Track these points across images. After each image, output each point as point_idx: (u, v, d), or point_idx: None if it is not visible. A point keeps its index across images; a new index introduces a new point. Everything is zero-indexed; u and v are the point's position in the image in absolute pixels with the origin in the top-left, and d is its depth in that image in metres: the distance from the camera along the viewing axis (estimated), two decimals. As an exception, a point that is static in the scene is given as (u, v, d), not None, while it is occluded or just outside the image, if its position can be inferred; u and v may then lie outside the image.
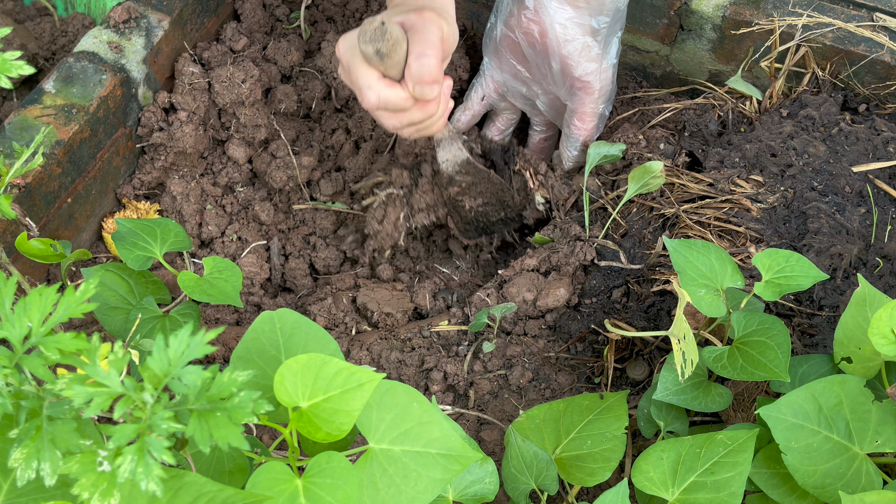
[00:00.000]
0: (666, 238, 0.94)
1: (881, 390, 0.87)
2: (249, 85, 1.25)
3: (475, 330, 1.11)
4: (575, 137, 1.26)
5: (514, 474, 0.90)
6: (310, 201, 1.34)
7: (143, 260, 0.98)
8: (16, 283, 0.62)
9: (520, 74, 1.25)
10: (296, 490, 0.68)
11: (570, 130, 1.25)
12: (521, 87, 1.27)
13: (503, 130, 1.37)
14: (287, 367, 0.70)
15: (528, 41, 1.19)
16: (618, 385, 1.08)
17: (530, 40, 1.18)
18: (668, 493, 0.82)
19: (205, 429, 0.57)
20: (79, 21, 1.43)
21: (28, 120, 1.10)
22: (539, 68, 1.22)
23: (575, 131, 1.25)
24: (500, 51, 1.24)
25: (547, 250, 1.17)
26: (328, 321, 1.18)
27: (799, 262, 0.92)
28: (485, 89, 1.30)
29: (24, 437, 0.58)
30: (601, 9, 1.14)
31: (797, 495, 0.83)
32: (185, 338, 0.58)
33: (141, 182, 1.25)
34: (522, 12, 1.17)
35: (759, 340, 0.89)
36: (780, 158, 1.14)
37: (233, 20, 1.38)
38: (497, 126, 1.36)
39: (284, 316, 0.79)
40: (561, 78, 1.20)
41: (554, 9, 1.14)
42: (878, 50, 1.18)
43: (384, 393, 0.75)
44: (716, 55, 1.28)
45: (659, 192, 1.18)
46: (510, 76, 1.26)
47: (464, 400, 1.10)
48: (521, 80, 1.26)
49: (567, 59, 1.17)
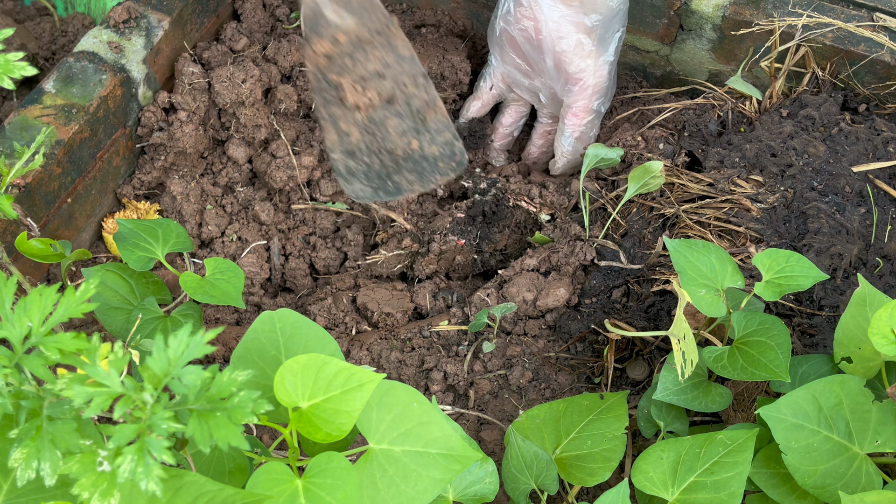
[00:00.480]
0: (666, 238, 0.94)
1: (881, 390, 0.87)
2: (249, 85, 1.25)
3: (475, 330, 1.11)
4: (569, 133, 1.27)
5: (514, 474, 0.90)
6: (310, 201, 1.34)
7: (144, 261, 0.98)
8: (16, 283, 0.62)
9: (521, 67, 1.27)
10: (296, 490, 0.68)
11: (564, 125, 1.27)
12: (525, 79, 1.29)
13: (511, 123, 1.38)
14: (287, 368, 0.70)
15: (524, 37, 1.21)
16: (618, 385, 1.08)
17: (526, 36, 1.20)
18: (668, 492, 0.82)
19: (205, 429, 0.57)
20: (79, 21, 1.43)
21: (28, 120, 1.10)
22: (537, 63, 1.24)
23: (569, 126, 1.26)
24: (502, 45, 1.26)
25: (547, 250, 1.17)
26: (328, 321, 1.18)
27: (799, 262, 0.92)
28: (493, 79, 1.32)
29: (25, 437, 0.58)
30: (594, 7, 1.15)
31: (797, 495, 0.83)
32: (185, 338, 0.58)
33: (141, 182, 1.25)
34: (518, 9, 1.19)
35: (760, 340, 0.89)
36: (780, 158, 1.14)
37: (233, 20, 1.38)
38: (506, 118, 1.38)
39: (285, 316, 0.79)
40: (556, 73, 1.22)
41: (547, 6, 1.16)
42: (878, 50, 1.18)
43: (384, 393, 0.75)
44: (716, 55, 1.28)
45: (659, 192, 1.18)
46: (513, 69, 1.28)
47: (464, 400, 1.10)
48: (524, 73, 1.28)
49: (561, 56, 1.19)
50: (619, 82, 1.40)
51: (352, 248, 1.32)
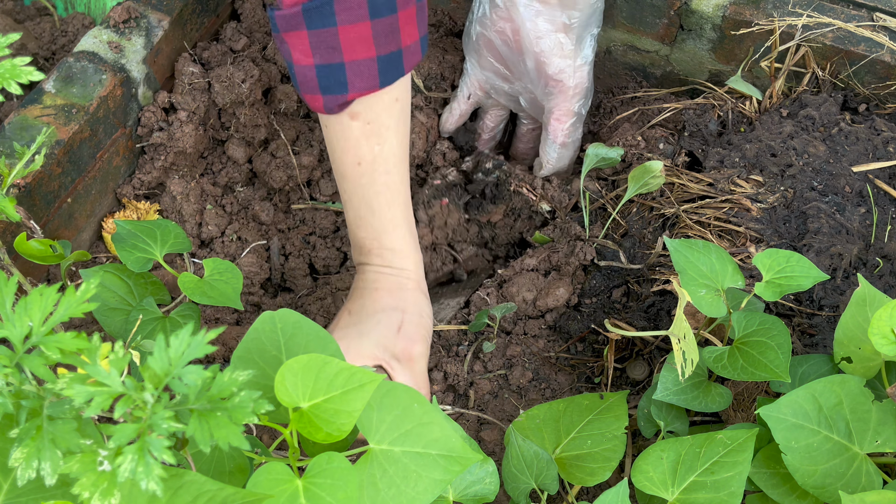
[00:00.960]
0: (666, 238, 0.94)
1: (881, 390, 0.87)
2: (249, 85, 1.25)
3: (475, 330, 1.11)
4: (552, 139, 1.25)
5: (514, 473, 0.90)
6: (309, 201, 1.34)
7: (143, 262, 0.98)
8: (16, 283, 0.62)
9: (500, 72, 1.26)
10: (296, 490, 0.68)
11: (548, 133, 1.26)
12: (504, 84, 1.28)
13: (493, 127, 1.37)
14: (288, 368, 0.70)
15: (501, 39, 1.20)
16: (618, 385, 1.08)
17: (504, 38, 1.19)
18: (667, 492, 0.82)
19: (205, 428, 0.57)
20: (79, 21, 1.43)
21: (28, 120, 1.10)
22: (516, 66, 1.23)
23: (552, 132, 1.25)
24: (479, 50, 1.25)
25: (547, 250, 1.17)
26: (328, 320, 1.18)
27: (799, 262, 0.92)
28: (470, 88, 1.31)
29: (25, 437, 0.58)
30: (573, 5, 1.14)
31: (797, 495, 0.83)
32: (186, 337, 0.58)
33: (141, 182, 1.25)
34: (494, 11, 1.18)
35: (760, 340, 0.89)
36: (780, 158, 1.14)
37: (233, 20, 1.38)
38: (487, 123, 1.37)
39: (285, 316, 0.79)
40: (536, 76, 1.20)
41: (524, 6, 1.15)
42: (878, 50, 1.18)
43: (385, 394, 0.75)
44: (716, 55, 1.28)
45: (659, 192, 1.18)
46: (492, 74, 1.27)
47: (464, 400, 1.10)
48: (503, 78, 1.27)
49: (540, 56, 1.18)
50: (618, 82, 1.40)
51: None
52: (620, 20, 1.30)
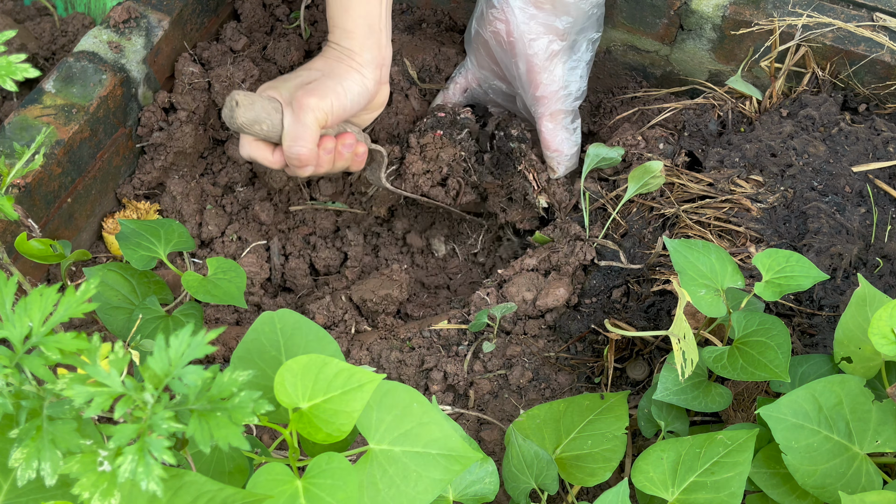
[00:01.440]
0: (666, 238, 0.94)
1: (881, 390, 0.87)
2: (249, 85, 1.25)
3: (475, 330, 1.11)
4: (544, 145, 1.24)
5: (514, 473, 0.90)
6: (310, 201, 1.34)
7: (147, 260, 0.99)
8: (16, 283, 0.62)
9: (496, 72, 1.26)
10: (296, 491, 0.68)
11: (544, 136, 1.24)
12: (502, 84, 1.28)
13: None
14: (287, 368, 0.70)
15: (496, 40, 1.20)
16: (618, 385, 1.08)
17: (498, 39, 1.20)
18: (667, 493, 0.82)
19: (205, 429, 0.57)
20: (79, 21, 1.43)
21: (28, 120, 1.10)
22: (509, 69, 1.23)
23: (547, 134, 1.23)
24: (477, 49, 1.25)
25: (547, 250, 1.17)
26: (327, 320, 1.18)
27: (799, 262, 0.92)
28: (468, 81, 1.31)
29: (25, 437, 0.58)
30: (566, 10, 1.15)
31: (797, 495, 0.83)
32: (186, 338, 0.58)
33: (141, 182, 1.25)
34: (490, 11, 1.18)
35: (759, 340, 0.89)
36: (780, 158, 1.14)
37: (233, 20, 1.38)
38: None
39: (285, 316, 0.79)
40: (527, 79, 1.20)
41: (519, 8, 1.15)
42: (878, 50, 1.18)
43: (384, 393, 0.75)
44: (716, 55, 1.28)
45: (659, 192, 1.18)
46: (489, 73, 1.27)
47: (464, 400, 1.10)
48: (500, 78, 1.27)
49: (532, 59, 1.18)
50: (618, 82, 1.40)
51: (352, 248, 1.32)
52: (620, 20, 1.30)
